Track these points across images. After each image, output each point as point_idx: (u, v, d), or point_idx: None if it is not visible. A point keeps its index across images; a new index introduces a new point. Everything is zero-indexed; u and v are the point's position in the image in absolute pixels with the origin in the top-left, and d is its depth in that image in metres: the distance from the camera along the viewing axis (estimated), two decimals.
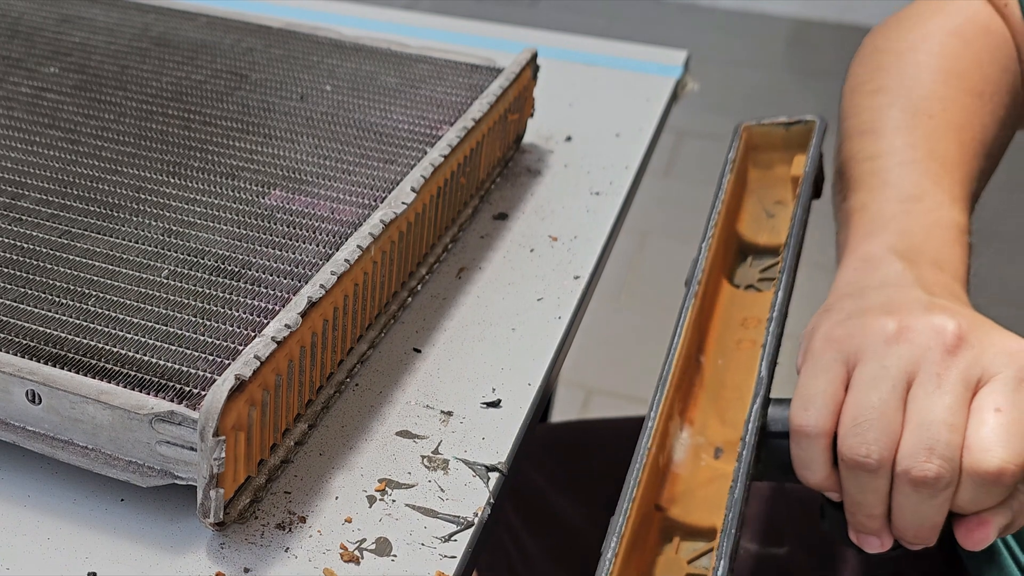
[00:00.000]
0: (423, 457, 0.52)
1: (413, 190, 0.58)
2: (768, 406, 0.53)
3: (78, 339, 0.49)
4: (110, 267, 0.53)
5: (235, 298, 0.51)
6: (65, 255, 0.54)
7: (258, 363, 0.45)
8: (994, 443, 0.47)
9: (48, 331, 0.49)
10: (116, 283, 0.52)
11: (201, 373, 0.47)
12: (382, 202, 0.58)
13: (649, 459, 0.50)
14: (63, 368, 0.47)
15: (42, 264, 0.54)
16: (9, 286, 0.52)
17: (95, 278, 0.53)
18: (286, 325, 0.47)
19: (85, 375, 0.47)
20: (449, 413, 0.54)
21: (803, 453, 0.51)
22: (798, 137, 0.71)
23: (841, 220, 0.65)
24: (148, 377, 0.47)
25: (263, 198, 0.59)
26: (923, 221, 0.60)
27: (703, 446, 0.55)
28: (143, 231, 0.56)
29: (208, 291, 0.52)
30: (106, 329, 0.49)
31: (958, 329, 0.50)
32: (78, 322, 0.50)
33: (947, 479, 0.47)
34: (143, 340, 0.49)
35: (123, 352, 0.48)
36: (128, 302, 0.51)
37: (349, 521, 0.48)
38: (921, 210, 0.60)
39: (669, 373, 0.54)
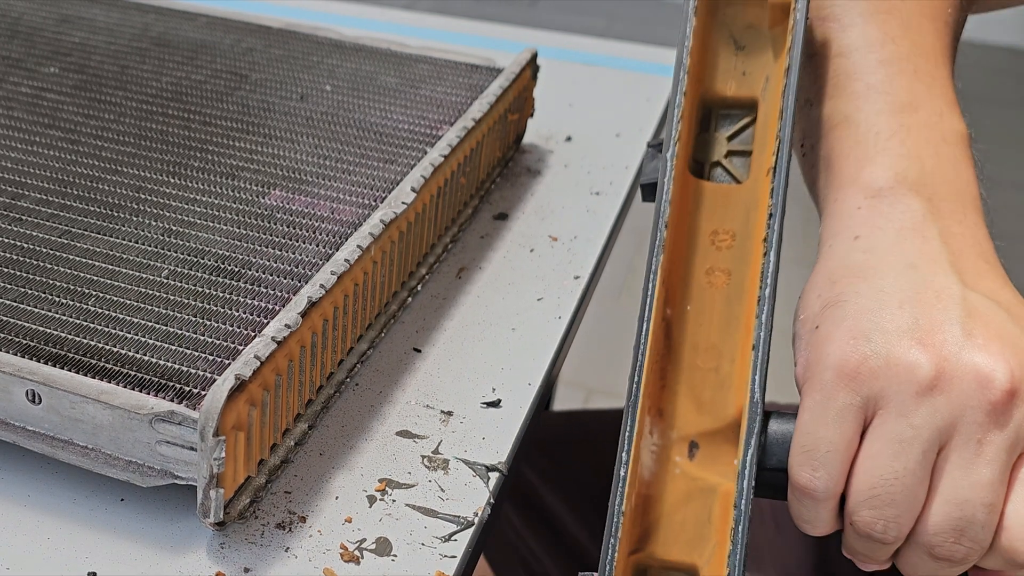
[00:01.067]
0: (423, 457, 0.52)
1: (413, 190, 0.58)
2: (763, 444, 0.43)
3: (78, 339, 0.49)
4: (110, 267, 0.53)
5: (235, 298, 0.52)
6: (65, 255, 0.54)
7: (258, 363, 0.45)
8: None
9: (48, 331, 0.49)
10: (116, 283, 0.52)
11: (201, 373, 0.47)
12: (382, 202, 0.58)
13: (626, 519, 0.42)
14: (63, 368, 0.47)
15: (42, 264, 0.54)
16: (9, 286, 0.52)
17: (95, 278, 0.53)
18: (286, 325, 0.47)
19: (85, 375, 0.47)
20: (449, 413, 0.55)
21: (806, 512, 0.43)
22: None
23: (812, 129, 0.52)
24: (148, 377, 0.47)
25: (263, 198, 0.59)
26: (927, 137, 0.49)
27: (675, 443, 0.45)
28: (143, 231, 0.56)
29: (208, 291, 0.52)
30: (106, 329, 0.49)
31: (1009, 381, 0.40)
32: (78, 322, 0.50)
33: (975, 558, 0.41)
34: (143, 340, 0.49)
35: (123, 352, 0.48)
36: (128, 302, 0.51)
37: (349, 521, 0.48)
38: (921, 123, 0.50)
39: (640, 381, 0.44)
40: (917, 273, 0.44)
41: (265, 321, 0.50)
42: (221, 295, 0.52)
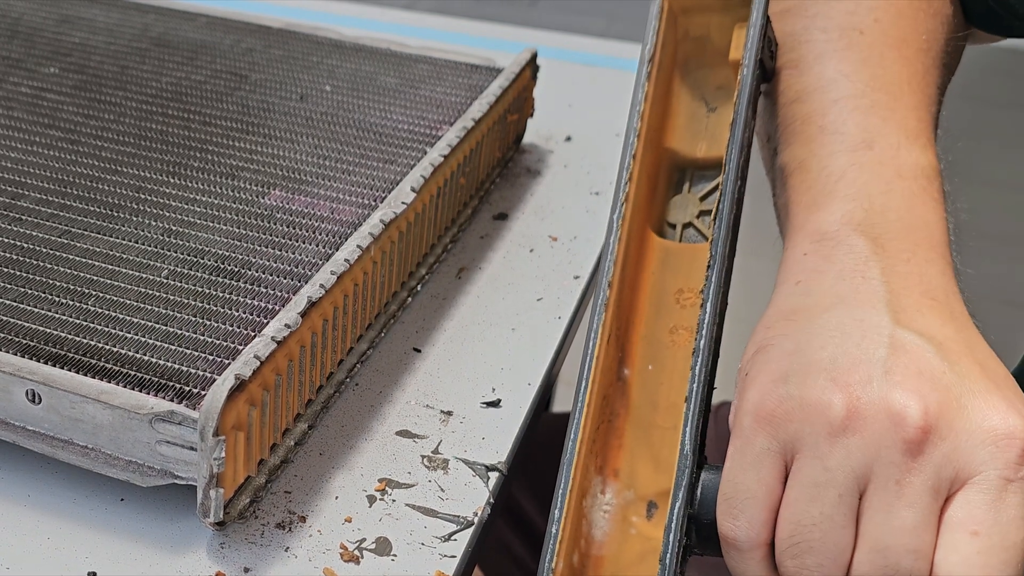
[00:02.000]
0: (423, 457, 0.52)
1: (413, 190, 0.58)
2: (697, 487, 0.42)
3: (78, 339, 0.49)
4: (110, 267, 0.53)
5: (235, 298, 0.52)
6: (65, 255, 0.54)
7: (258, 363, 0.45)
8: None
9: (48, 331, 0.49)
10: (116, 283, 0.52)
11: (201, 373, 0.47)
12: (382, 202, 0.58)
13: (559, 561, 0.40)
14: (63, 368, 0.47)
15: (42, 264, 0.54)
16: (9, 286, 0.52)
17: (95, 278, 0.53)
18: (286, 325, 0.48)
19: (85, 375, 0.47)
20: (449, 413, 0.55)
21: (736, 565, 0.41)
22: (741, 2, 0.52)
23: (777, 179, 0.51)
24: (148, 377, 0.47)
25: (263, 198, 0.59)
26: (879, 173, 0.47)
27: (632, 503, 0.44)
28: (143, 231, 0.56)
29: (208, 291, 0.52)
30: (106, 329, 0.49)
31: (923, 418, 0.38)
32: (78, 322, 0.50)
33: None
34: (143, 340, 0.49)
35: (123, 352, 0.48)
36: (128, 302, 0.51)
37: (349, 521, 0.48)
38: (874, 160, 0.48)
39: (576, 439, 0.42)
40: (848, 313, 0.42)
41: (265, 321, 0.50)
42: (221, 295, 0.52)
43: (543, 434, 0.74)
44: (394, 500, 0.49)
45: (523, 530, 0.75)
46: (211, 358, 0.48)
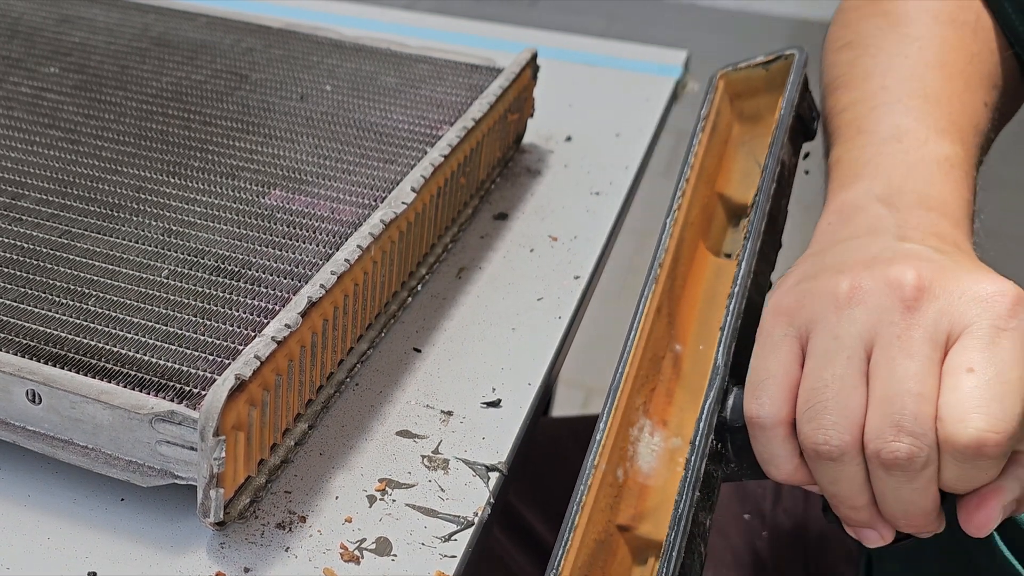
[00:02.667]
0: (423, 457, 0.52)
1: (413, 190, 0.58)
2: (729, 397, 0.47)
3: (78, 339, 0.49)
4: (110, 267, 0.53)
5: (235, 298, 0.51)
6: (65, 255, 0.54)
7: (258, 363, 0.45)
8: (969, 410, 0.40)
9: (48, 331, 0.49)
10: (116, 283, 0.52)
11: (201, 373, 0.47)
12: (382, 202, 0.58)
13: (597, 477, 0.45)
14: (63, 368, 0.47)
15: (42, 264, 0.54)
16: (9, 286, 0.52)
17: (95, 278, 0.53)
18: (286, 325, 0.47)
19: (85, 375, 0.47)
20: (449, 413, 0.55)
21: (762, 448, 0.45)
22: (781, 76, 0.62)
23: (826, 179, 0.58)
24: (148, 377, 0.47)
25: (263, 198, 0.59)
26: (905, 159, 0.53)
27: (679, 449, 0.49)
28: (143, 231, 0.56)
29: (208, 291, 0.52)
30: (106, 329, 0.49)
31: (917, 279, 0.43)
32: (78, 322, 0.50)
33: (923, 457, 0.41)
34: (143, 340, 0.49)
35: (123, 352, 0.48)
36: (128, 302, 0.51)
37: (349, 521, 0.48)
38: (901, 149, 0.53)
39: (623, 375, 0.48)
40: (860, 240, 0.48)
41: (265, 321, 0.50)
42: (221, 295, 0.52)
43: (542, 440, 0.75)
44: (394, 500, 0.49)
45: (523, 538, 0.75)
46: (211, 358, 0.48)
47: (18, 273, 0.53)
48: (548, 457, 0.77)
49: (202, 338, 0.49)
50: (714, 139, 0.60)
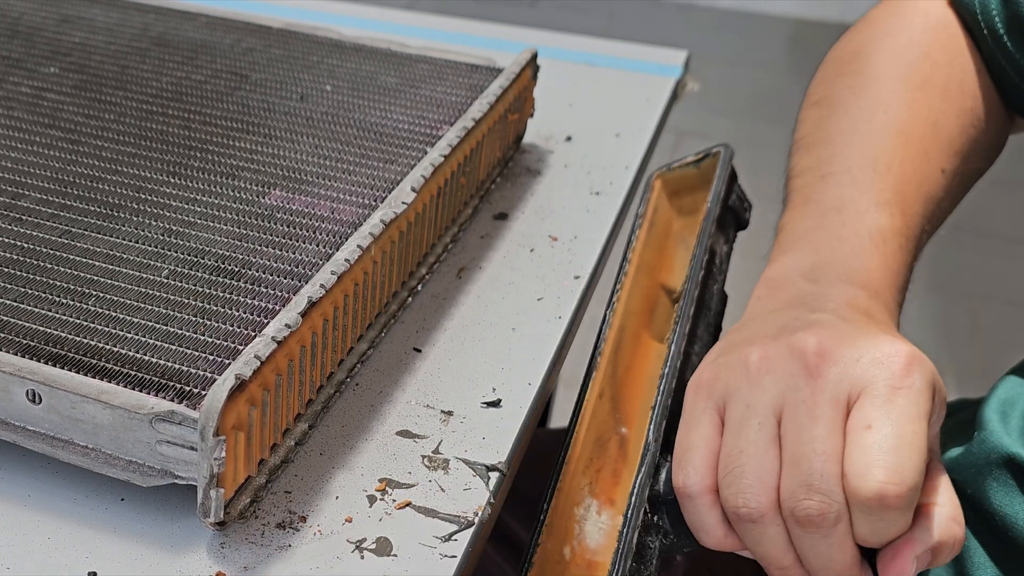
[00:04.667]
0: (423, 457, 0.52)
1: (413, 190, 0.58)
2: (662, 471, 0.49)
3: (78, 339, 0.49)
4: (110, 267, 0.53)
5: (235, 298, 0.51)
6: (65, 255, 0.54)
7: (258, 363, 0.45)
8: (869, 465, 0.42)
9: (48, 331, 0.49)
10: (116, 283, 0.52)
11: (201, 373, 0.47)
12: (382, 202, 0.58)
13: (541, 554, 0.47)
14: (63, 368, 0.47)
15: (42, 264, 0.54)
16: (9, 286, 0.52)
17: (95, 278, 0.53)
18: (286, 325, 0.47)
19: (85, 375, 0.47)
20: (449, 413, 0.55)
21: (692, 517, 0.47)
22: (711, 171, 0.65)
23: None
24: (148, 377, 0.47)
25: (263, 198, 0.59)
26: (838, 233, 0.55)
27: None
28: (143, 231, 0.56)
29: (208, 291, 0.52)
30: (106, 329, 0.49)
31: (818, 346, 0.45)
32: (78, 322, 0.50)
33: (833, 513, 0.43)
34: (143, 340, 0.49)
35: (123, 352, 0.48)
36: (128, 302, 0.51)
37: (349, 521, 0.48)
38: (837, 222, 0.56)
39: (565, 456, 0.50)
40: (776, 315, 0.51)
41: (265, 321, 0.50)
42: (221, 295, 0.52)
43: (535, 455, 0.75)
44: (394, 500, 0.49)
45: (513, 553, 0.74)
46: (211, 358, 0.48)
47: (18, 273, 0.53)
48: (542, 473, 0.77)
49: (202, 338, 0.49)
50: (653, 234, 0.64)
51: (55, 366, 0.47)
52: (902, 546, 0.44)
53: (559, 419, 1.61)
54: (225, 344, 0.49)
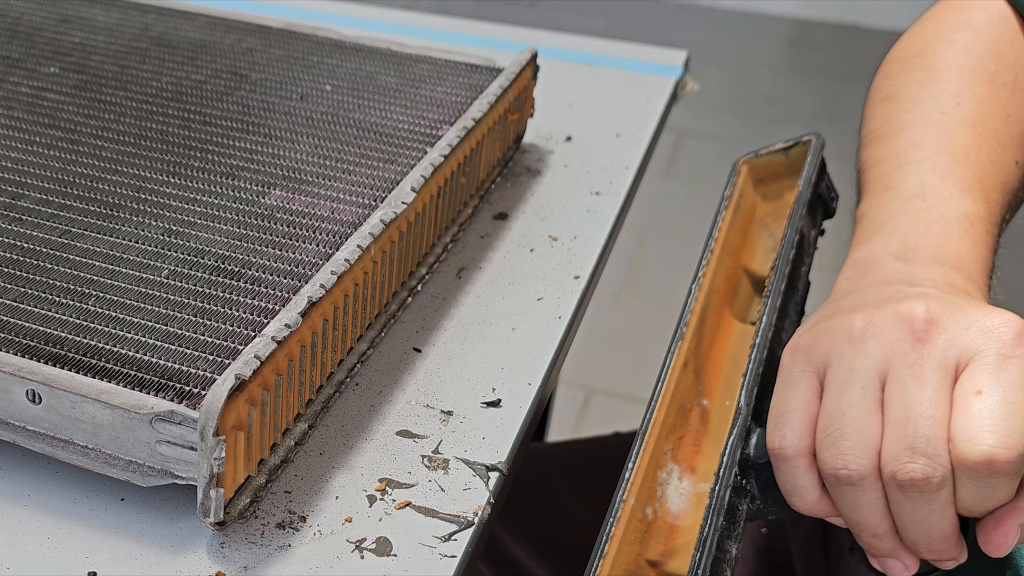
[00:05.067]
0: (423, 457, 0.52)
1: (413, 190, 0.58)
2: (752, 436, 0.50)
3: (78, 339, 0.49)
4: (110, 267, 0.53)
5: (235, 298, 0.51)
6: (65, 255, 0.54)
7: (258, 363, 0.45)
8: (979, 429, 0.42)
9: (48, 331, 0.49)
10: (116, 283, 0.52)
11: (201, 373, 0.47)
12: (382, 202, 0.58)
13: (625, 512, 0.47)
14: (63, 368, 0.47)
15: (42, 264, 0.54)
16: (9, 286, 0.52)
17: (95, 278, 0.53)
18: (286, 325, 0.47)
19: (85, 375, 0.47)
20: (449, 413, 0.55)
21: (785, 479, 0.47)
22: (800, 160, 0.66)
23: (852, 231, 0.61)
24: (148, 377, 0.47)
25: (263, 198, 0.59)
26: (924, 218, 0.55)
27: (708, 493, 0.52)
28: (143, 231, 0.56)
29: (208, 291, 0.52)
30: (106, 329, 0.49)
31: (927, 313, 0.45)
32: (78, 322, 0.50)
33: (937, 478, 0.43)
34: (143, 340, 0.49)
35: (123, 352, 0.48)
36: (128, 302, 0.51)
37: (349, 521, 0.48)
38: (922, 207, 0.56)
39: (651, 420, 0.50)
40: (872, 289, 0.51)
41: (265, 321, 0.50)
42: (221, 295, 0.52)
43: (529, 471, 0.75)
44: (394, 500, 0.49)
45: (510, 573, 0.74)
46: (211, 358, 0.48)
47: (18, 273, 0.53)
48: (536, 490, 0.77)
49: (202, 338, 0.49)
50: (738, 217, 0.64)
51: (55, 366, 0.47)
52: (1005, 514, 0.44)
53: (559, 419, 1.62)
54: (225, 344, 0.49)
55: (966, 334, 0.44)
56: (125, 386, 0.46)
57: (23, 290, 0.52)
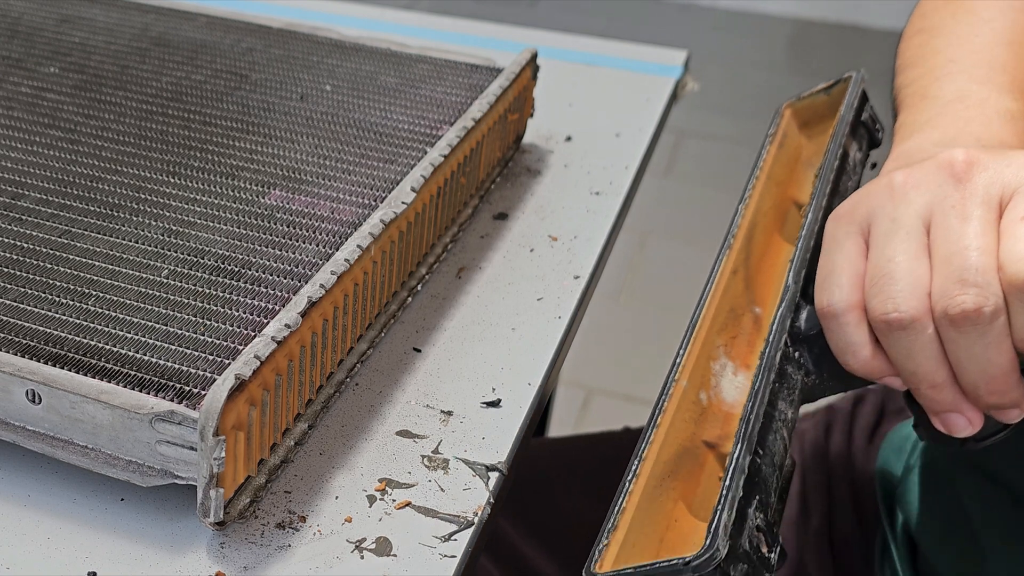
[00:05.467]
0: (423, 457, 0.52)
1: (413, 190, 0.58)
2: (802, 311, 0.49)
3: (78, 339, 0.49)
4: (110, 267, 0.53)
5: (235, 298, 0.52)
6: (65, 255, 0.54)
7: (258, 363, 0.45)
8: None
9: (48, 331, 0.49)
10: (116, 283, 0.52)
11: (201, 373, 0.47)
12: (382, 202, 0.58)
13: (677, 391, 0.47)
14: (63, 368, 0.47)
15: (42, 264, 0.54)
16: (9, 286, 0.52)
17: (95, 278, 0.53)
18: (286, 325, 0.47)
19: (85, 375, 0.47)
20: (449, 413, 0.55)
21: (837, 338, 0.46)
22: (842, 96, 0.66)
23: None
24: (148, 377, 0.47)
25: (263, 198, 0.59)
26: (963, 115, 0.55)
27: None
28: (143, 231, 0.56)
29: (208, 291, 0.52)
30: (106, 329, 0.49)
31: (966, 155, 0.45)
32: (78, 322, 0.50)
33: (990, 307, 0.42)
34: (143, 340, 0.49)
35: (123, 352, 0.48)
36: (128, 302, 0.51)
37: (349, 521, 0.48)
38: (961, 108, 0.55)
39: (701, 312, 0.50)
40: (922, 154, 0.50)
41: (265, 321, 0.50)
42: (221, 295, 0.52)
43: (531, 467, 0.75)
44: (394, 500, 0.49)
45: (515, 569, 0.74)
46: (211, 358, 0.48)
47: (18, 273, 0.53)
48: (540, 486, 0.77)
49: (202, 338, 0.49)
50: (783, 154, 0.64)
51: (55, 366, 0.47)
52: None
53: (559, 419, 1.62)
54: (225, 344, 0.49)
55: (1007, 170, 0.44)
56: (125, 386, 0.46)
57: (23, 290, 0.52)
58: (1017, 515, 0.60)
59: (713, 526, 0.40)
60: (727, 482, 0.42)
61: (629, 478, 0.44)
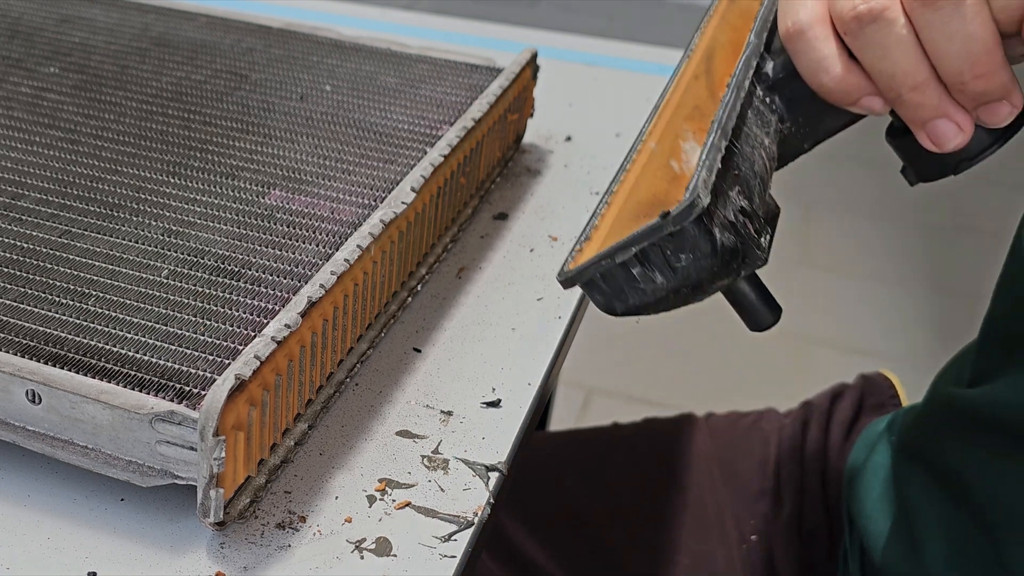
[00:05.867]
0: (423, 457, 0.52)
1: (413, 190, 0.58)
2: (767, 61, 0.47)
3: (78, 339, 0.49)
4: (110, 267, 0.53)
5: (235, 298, 0.52)
6: (65, 255, 0.54)
7: (258, 363, 0.45)
8: None
9: (48, 331, 0.49)
10: (116, 283, 0.52)
11: (201, 373, 0.47)
12: (382, 202, 0.58)
13: (645, 150, 0.44)
14: (63, 368, 0.47)
15: (42, 264, 0.54)
16: (9, 286, 0.52)
17: (95, 278, 0.53)
18: (286, 325, 0.48)
19: (85, 375, 0.47)
20: (449, 413, 0.55)
21: (807, 59, 0.44)
22: None
23: None
24: (148, 377, 0.47)
25: (263, 198, 0.59)
26: None
27: None
28: (143, 231, 0.56)
29: (208, 291, 0.52)
30: (106, 329, 0.49)
31: None
32: (78, 322, 0.50)
33: None
34: (143, 340, 0.49)
35: (123, 352, 0.48)
36: (128, 302, 0.51)
37: (349, 521, 0.48)
38: None
39: (664, 97, 0.47)
40: None
41: (265, 321, 0.50)
42: (221, 295, 0.52)
43: (531, 462, 0.74)
44: (394, 500, 0.49)
45: (515, 565, 0.74)
46: (211, 358, 0.48)
47: (18, 273, 0.53)
48: (538, 482, 0.77)
49: (202, 338, 0.49)
50: (735, 5, 0.61)
51: (55, 366, 0.47)
52: None
53: (559, 419, 1.62)
54: (225, 344, 0.49)
55: None
56: (125, 386, 0.46)
57: (23, 290, 0.52)
58: (959, 515, 0.60)
59: (693, 182, 0.37)
60: (705, 147, 0.39)
61: (605, 198, 0.41)
